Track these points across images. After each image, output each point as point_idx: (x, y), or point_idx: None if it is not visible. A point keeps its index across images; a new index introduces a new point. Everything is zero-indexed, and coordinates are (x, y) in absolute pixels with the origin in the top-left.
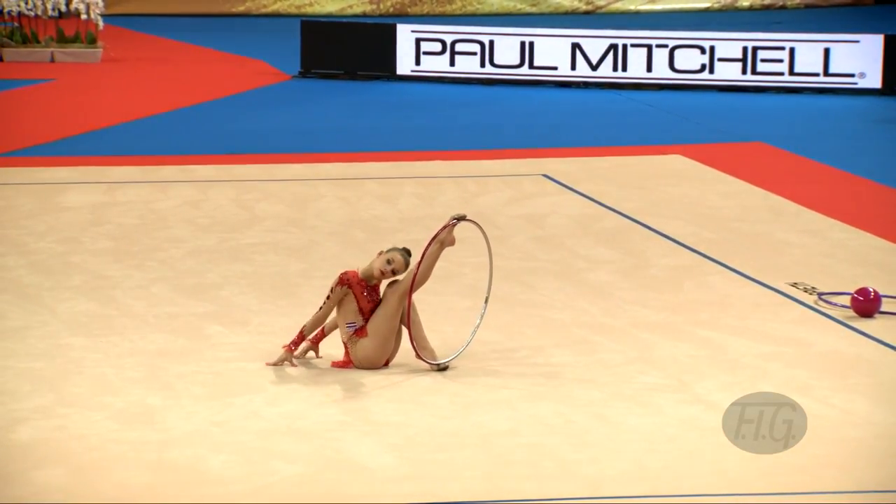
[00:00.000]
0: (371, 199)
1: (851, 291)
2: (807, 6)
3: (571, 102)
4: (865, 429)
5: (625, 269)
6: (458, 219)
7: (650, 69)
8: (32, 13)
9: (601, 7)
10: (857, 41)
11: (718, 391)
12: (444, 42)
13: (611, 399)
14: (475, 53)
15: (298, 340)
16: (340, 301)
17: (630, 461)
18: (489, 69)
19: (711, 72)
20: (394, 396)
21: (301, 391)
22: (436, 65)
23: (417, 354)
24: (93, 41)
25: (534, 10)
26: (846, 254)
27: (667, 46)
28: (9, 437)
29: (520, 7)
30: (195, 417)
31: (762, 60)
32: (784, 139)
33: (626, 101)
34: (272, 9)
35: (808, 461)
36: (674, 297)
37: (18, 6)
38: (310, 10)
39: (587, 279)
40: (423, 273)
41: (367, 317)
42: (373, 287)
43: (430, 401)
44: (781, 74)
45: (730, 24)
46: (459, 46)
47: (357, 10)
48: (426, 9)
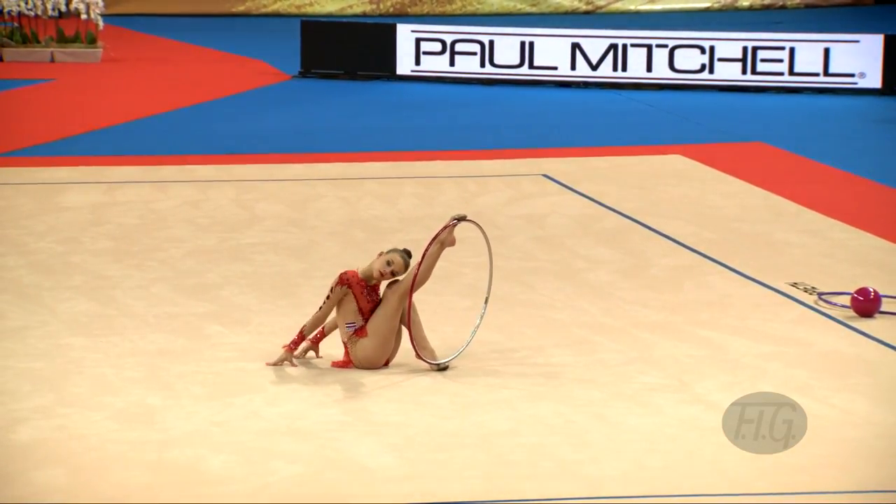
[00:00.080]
0: (371, 199)
1: (851, 291)
2: (807, 6)
3: (571, 102)
4: (865, 429)
5: (625, 269)
6: (459, 219)
7: (650, 69)
8: (32, 13)
9: (601, 7)
10: (857, 41)
11: (718, 391)
12: (444, 42)
13: (611, 399)
14: (475, 53)
15: (298, 340)
16: (340, 301)
17: (630, 461)
18: (489, 69)
19: (711, 72)
20: (394, 396)
21: (301, 391)
22: (436, 65)
23: (417, 354)
24: (93, 41)
25: (534, 10)
26: (846, 254)
27: (667, 46)
28: (9, 437)
29: (520, 7)
30: (195, 417)
31: (762, 60)
32: (784, 139)
33: (626, 101)
34: (272, 9)
35: (808, 461)
36: (674, 297)
37: (18, 6)
38: (310, 10)
39: (587, 279)
40: (424, 273)
41: (367, 317)
42: (372, 287)
43: (430, 401)
44: (781, 74)
45: (730, 24)
46: (459, 46)
47: (357, 10)
48: (426, 9)
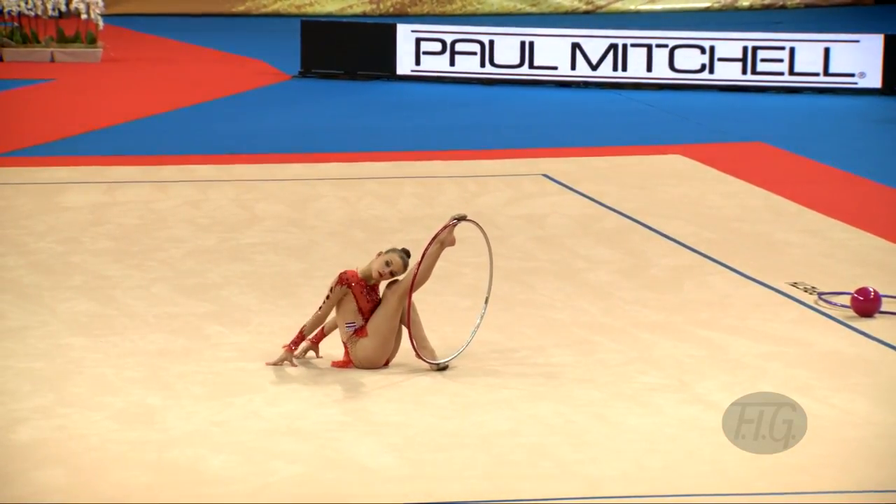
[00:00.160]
0: (371, 199)
1: (851, 291)
2: (807, 6)
3: (571, 102)
4: (865, 429)
5: (625, 269)
6: (459, 219)
7: (650, 69)
8: (32, 13)
9: (601, 7)
10: (857, 41)
11: (718, 391)
12: (444, 42)
13: (611, 399)
14: (475, 53)
15: (298, 340)
16: (340, 301)
17: (630, 461)
18: (489, 69)
19: (711, 72)
20: (394, 396)
21: (301, 391)
22: (436, 65)
23: (417, 354)
24: (93, 41)
25: (534, 10)
26: (846, 254)
27: (667, 46)
28: (9, 437)
29: (520, 7)
30: (195, 417)
31: (762, 60)
32: (784, 139)
33: (626, 101)
34: (272, 9)
35: (808, 461)
36: (674, 297)
37: (18, 6)
38: (310, 10)
39: (587, 279)
40: (424, 273)
41: (367, 317)
42: (372, 287)
43: (430, 401)
44: (781, 74)
45: (730, 24)
46: (459, 46)
47: (357, 10)
48: (426, 9)
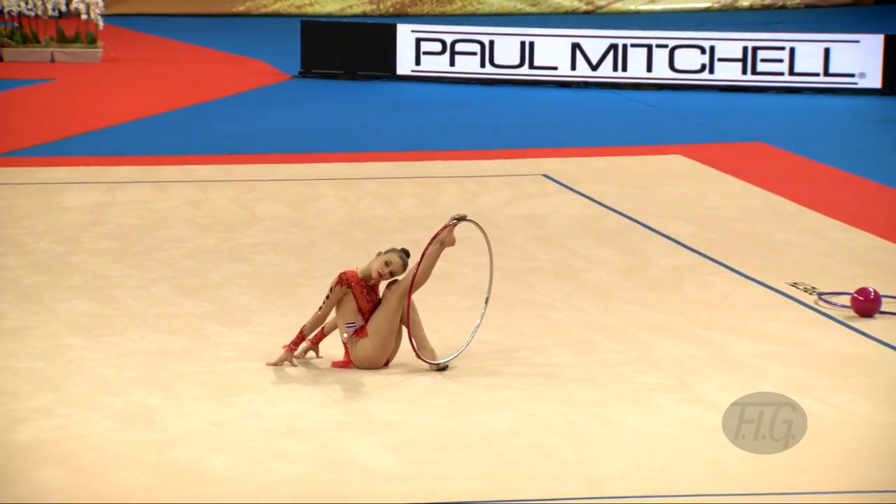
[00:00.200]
0: (371, 199)
1: (851, 291)
2: (807, 6)
3: (571, 102)
4: (865, 429)
5: (625, 269)
6: (459, 219)
7: (650, 69)
8: (32, 13)
9: (601, 7)
10: (857, 41)
11: (718, 391)
12: (444, 42)
13: (611, 399)
14: (475, 53)
15: (298, 340)
16: (340, 301)
17: (630, 461)
18: (489, 69)
19: (711, 72)
20: (394, 396)
21: (301, 391)
22: (436, 65)
23: (417, 354)
24: (93, 41)
25: (534, 10)
26: (846, 254)
27: (667, 46)
28: (9, 437)
29: (520, 7)
30: (195, 417)
31: (762, 60)
32: (784, 139)
33: (626, 101)
34: (272, 9)
35: (808, 461)
36: (674, 297)
37: (18, 6)
38: (310, 10)
39: (587, 279)
40: (423, 273)
41: (367, 317)
42: (372, 287)
43: (430, 401)
44: (781, 74)
45: (730, 24)
46: (459, 46)
47: (357, 10)
48: (426, 9)
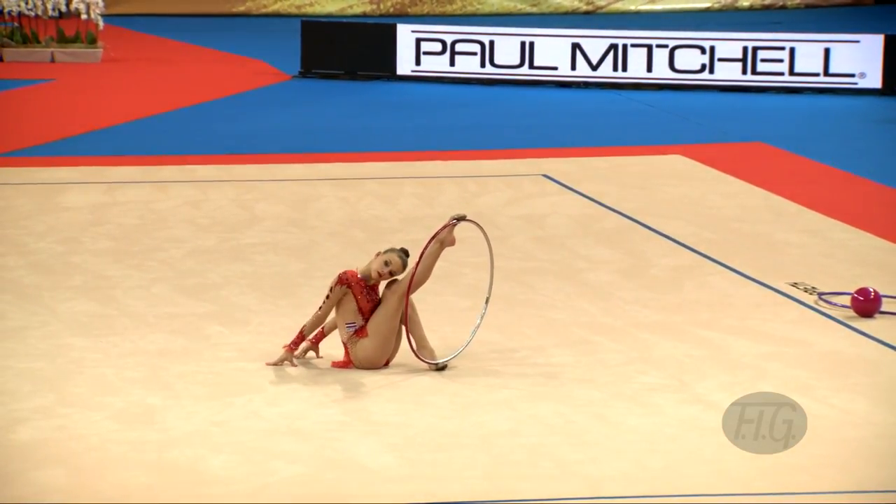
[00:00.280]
0: (371, 199)
1: (851, 291)
2: (807, 6)
3: (571, 102)
4: (865, 429)
5: (625, 269)
6: (459, 219)
7: (650, 69)
8: (33, 13)
9: (601, 7)
10: (858, 41)
11: (718, 391)
12: (445, 42)
13: (611, 399)
14: (475, 53)
15: (298, 340)
16: (340, 301)
17: (630, 461)
18: (489, 69)
19: (711, 72)
20: (394, 396)
21: (301, 391)
22: (436, 65)
23: (416, 354)
24: (93, 41)
25: (534, 10)
26: (846, 254)
27: (667, 46)
28: (9, 437)
29: (520, 7)
30: (195, 417)
31: (762, 60)
32: (784, 139)
33: (626, 101)
34: (272, 9)
35: (808, 461)
36: (674, 297)
37: (19, 6)
38: (310, 10)
39: (587, 279)
40: (423, 273)
41: (367, 317)
42: (372, 287)
43: (430, 401)
44: (781, 74)
45: (730, 24)
46: (459, 46)
47: (357, 10)
48: (426, 9)
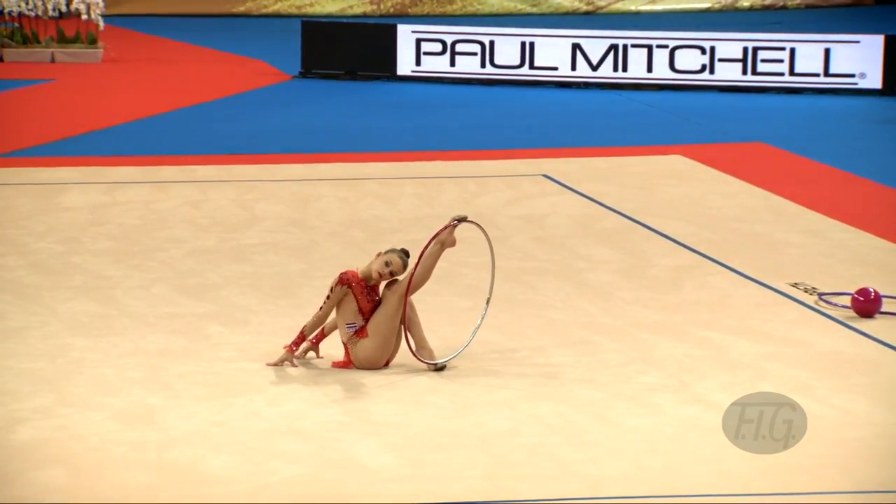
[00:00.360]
0: (371, 200)
1: (852, 292)
2: (807, 6)
3: (572, 103)
4: (865, 429)
5: (625, 270)
6: (460, 220)
7: (650, 69)
8: (33, 13)
9: (601, 7)
10: (858, 41)
11: (718, 391)
12: (445, 42)
13: (611, 399)
14: (475, 54)
15: (299, 341)
16: (340, 301)
17: (630, 461)
18: (489, 69)
19: (712, 72)
20: (394, 397)
21: (301, 391)
22: (436, 65)
23: (414, 354)
24: (93, 41)
25: (534, 11)
26: (846, 254)
27: (667, 47)
28: (9, 438)
29: (520, 7)
30: (195, 418)
31: (762, 61)
32: (784, 139)
33: (627, 102)
34: (272, 9)
35: (808, 461)
36: (674, 298)
37: (19, 6)
38: (310, 11)
39: (587, 279)
40: (423, 273)
41: (367, 317)
42: (372, 287)
43: (430, 401)
44: (782, 75)
45: (730, 25)
46: (460, 47)
47: (357, 11)
48: (426, 9)
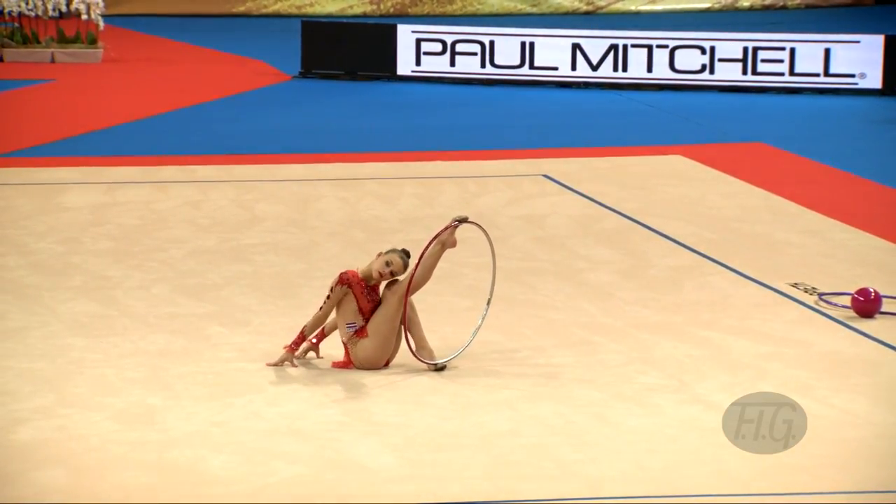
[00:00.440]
0: (371, 200)
1: (852, 292)
2: (807, 6)
3: (572, 103)
4: (865, 429)
5: (625, 270)
6: (461, 221)
7: (650, 69)
8: (33, 13)
9: (601, 7)
10: (858, 41)
11: (718, 391)
12: (445, 42)
13: (611, 399)
14: (475, 54)
15: (299, 341)
16: (340, 301)
17: (630, 461)
18: (489, 69)
19: (712, 72)
20: (394, 397)
21: (301, 392)
22: (436, 65)
23: (414, 354)
24: (93, 41)
25: (534, 11)
26: (846, 254)
27: (667, 47)
28: (9, 438)
29: (520, 7)
30: (195, 418)
31: (762, 61)
32: (784, 139)
33: (627, 102)
34: (272, 9)
35: (808, 461)
36: (674, 298)
37: (19, 6)
38: (310, 11)
39: (587, 279)
40: (424, 274)
41: (367, 317)
42: (372, 287)
43: (430, 401)
44: (782, 75)
45: (730, 25)
46: (460, 47)
47: (357, 11)
48: (426, 9)
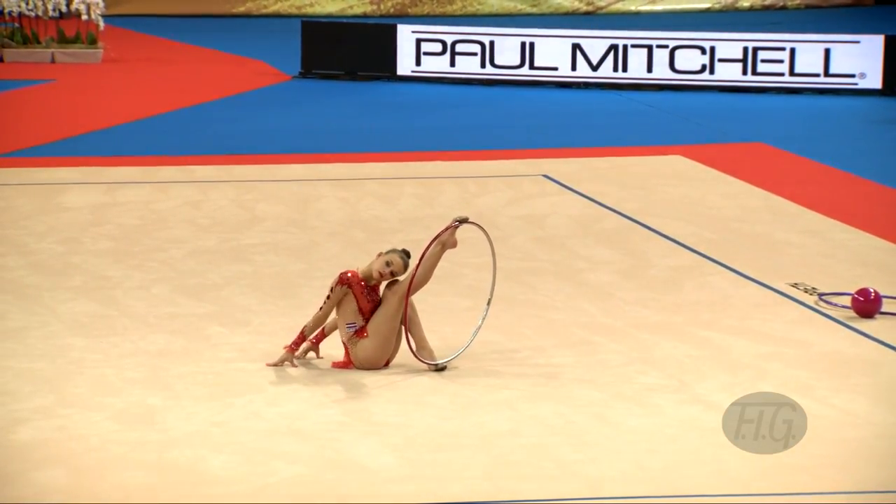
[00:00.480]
0: (371, 200)
1: (852, 292)
2: (807, 6)
3: (572, 103)
4: (865, 429)
5: (625, 270)
6: (461, 221)
7: (650, 70)
8: (33, 14)
9: (601, 7)
10: (858, 41)
11: (718, 391)
12: (445, 42)
13: (611, 399)
14: (475, 54)
15: (299, 341)
16: (340, 301)
17: (630, 461)
18: (489, 70)
19: (712, 72)
20: (394, 397)
21: (301, 392)
22: (436, 65)
23: (415, 354)
24: (93, 42)
25: (534, 11)
26: (846, 254)
27: (667, 47)
28: (9, 438)
29: (520, 7)
30: (195, 418)
31: (762, 61)
32: (784, 140)
33: (627, 102)
34: (272, 9)
35: (808, 461)
36: (674, 298)
37: (19, 6)
38: (310, 11)
39: (587, 279)
40: (424, 274)
41: (368, 317)
42: (372, 287)
43: (430, 401)
44: (782, 75)
45: (730, 25)
46: (460, 47)
47: (357, 11)
48: (426, 9)
